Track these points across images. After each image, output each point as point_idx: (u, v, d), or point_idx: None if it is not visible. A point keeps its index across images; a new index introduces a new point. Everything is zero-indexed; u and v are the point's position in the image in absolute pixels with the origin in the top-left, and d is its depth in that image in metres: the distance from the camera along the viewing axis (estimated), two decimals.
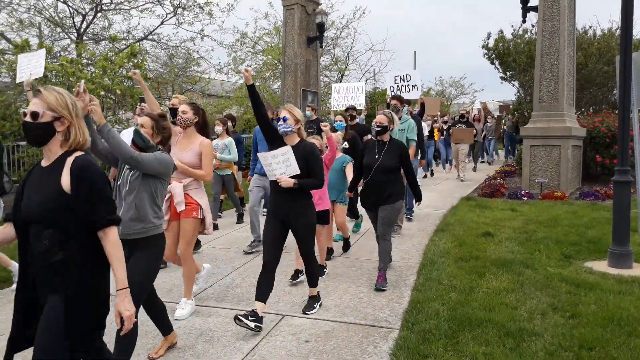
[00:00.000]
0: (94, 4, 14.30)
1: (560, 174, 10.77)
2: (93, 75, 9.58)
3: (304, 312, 4.42)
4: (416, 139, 7.13)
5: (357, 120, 12.58)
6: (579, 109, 17.16)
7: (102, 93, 9.67)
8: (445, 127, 15.46)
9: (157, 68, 17.58)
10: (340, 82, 23.82)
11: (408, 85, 9.86)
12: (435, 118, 15.94)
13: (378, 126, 5.16)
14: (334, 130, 6.84)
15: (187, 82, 19.22)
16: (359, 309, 4.53)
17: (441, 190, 12.11)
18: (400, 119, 6.81)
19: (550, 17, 10.99)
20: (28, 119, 2.30)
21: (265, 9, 30.36)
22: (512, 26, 22.48)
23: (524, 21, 12.09)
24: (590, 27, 18.96)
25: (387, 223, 5.12)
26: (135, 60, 10.24)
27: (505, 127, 20.95)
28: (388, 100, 8.93)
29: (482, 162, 18.69)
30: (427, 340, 3.78)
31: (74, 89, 2.94)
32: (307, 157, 4.20)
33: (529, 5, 11.64)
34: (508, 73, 20.19)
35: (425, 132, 12.61)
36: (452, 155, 14.57)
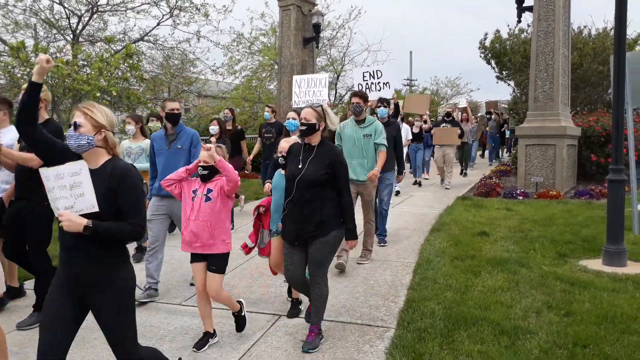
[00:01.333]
0: (90, 6, 14.29)
1: (556, 173, 10.82)
2: (89, 76, 9.57)
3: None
4: (386, 143, 5.76)
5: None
6: (574, 109, 17.21)
7: (98, 94, 9.68)
8: (425, 126, 13.53)
9: (154, 69, 17.58)
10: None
11: (379, 82, 8.89)
12: (425, 118, 13.95)
13: (303, 124, 3.79)
14: (287, 134, 5.57)
15: (183, 83, 19.22)
16: (354, 308, 4.55)
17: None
18: (363, 121, 5.78)
19: (545, 17, 11.04)
20: None
21: (261, 9, 30.39)
22: (509, 26, 22.60)
23: (519, 21, 12.16)
24: (585, 26, 19.02)
25: (319, 263, 3.80)
26: (131, 61, 10.23)
27: (488, 127, 19.20)
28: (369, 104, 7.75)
29: (472, 165, 16.87)
30: (423, 339, 3.80)
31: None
32: (117, 186, 2.57)
33: (524, 5, 11.70)
34: (504, 72, 20.23)
35: (409, 136, 11.58)
36: (436, 160, 12.56)
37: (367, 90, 8.76)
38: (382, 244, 6.71)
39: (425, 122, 13.43)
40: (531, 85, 11.41)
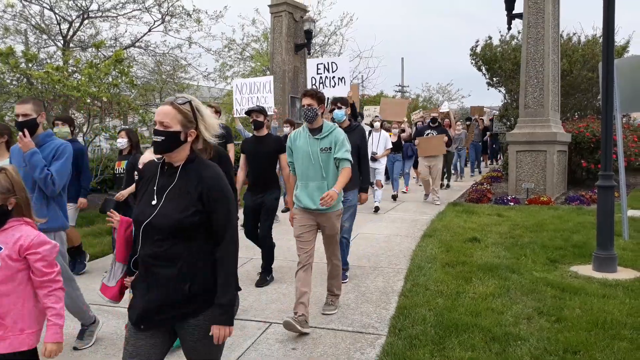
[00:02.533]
0: (81, 12, 14.23)
1: (546, 179, 10.88)
2: (79, 82, 9.51)
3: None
4: (350, 158, 4.31)
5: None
6: (564, 115, 17.33)
7: (89, 100, 9.61)
8: (404, 135, 12.14)
9: (145, 75, 17.51)
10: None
11: (333, 77, 7.63)
12: (403, 126, 12.48)
13: (157, 132, 2.31)
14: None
15: (175, 89, 19.16)
16: (346, 315, 4.54)
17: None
18: (320, 129, 4.37)
19: (535, 24, 11.14)
20: None
21: (252, 16, 30.46)
22: (500, 32, 22.74)
23: (509, 28, 12.25)
24: (574, 34, 19.16)
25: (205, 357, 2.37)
26: (121, 67, 10.18)
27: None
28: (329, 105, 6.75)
29: (462, 176, 15.85)
30: (414, 346, 3.79)
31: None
32: None
33: (514, 12, 11.79)
34: (495, 79, 20.35)
35: (388, 145, 9.99)
36: (420, 172, 11.12)
37: (321, 85, 7.77)
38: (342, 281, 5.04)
39: (403, 130, 12.09)
40: (521, 92, 11.48)
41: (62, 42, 14.30)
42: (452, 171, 14.92)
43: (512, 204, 10.34)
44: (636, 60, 7.32)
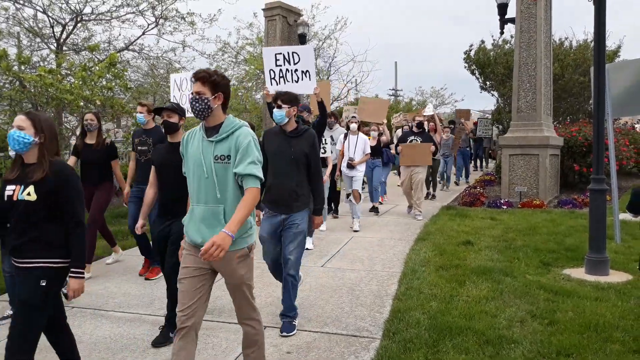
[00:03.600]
0: (74, 15, 14.20)
1: (539, 182, 10.94)
2: (72, 86, 9.49)
3: None
4: (259, 175, 2.91)
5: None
6: (556, 119, 17.46)
7: (82, 104, 9.59)
8: (384, 139, 10.88)
9: (139, 78, 17.48)
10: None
11: (296, 70, 6.42)
12: (382, 129, 10.96)
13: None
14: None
15: (168, 92, 19.12)
16: (340, 319, 4.54)
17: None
18: (217, 128, 3.00)
19: (527, 29, 11.22)
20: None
21: (247, 19, 30.48)
22: (493, 36, 22.90)
23: (501, 33, 12.31)
24: (566, 38, 19.37)
25: None
26: (115, 70, 10.17)
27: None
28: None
29: (447, 185, 14.53)
30: (408, 349, 3.80)
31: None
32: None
33: (506, 17, 11.85)
34: (488, 83, 20.49)
35: (367, 149, 8.72)
36: (402, 183, 9.87)
37: (281, 80, 6.50)
38: (285, 334, 4.20)
39: (381, 133, 10.61)
40: (514, 96, 11.56)
41: (55, 45, 14.26)
42: (439, 179, 13.71)
43: (505, 207, 10.39)
44: (627, 65, 7.39)
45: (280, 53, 6.48)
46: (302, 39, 14.92)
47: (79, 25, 14.61)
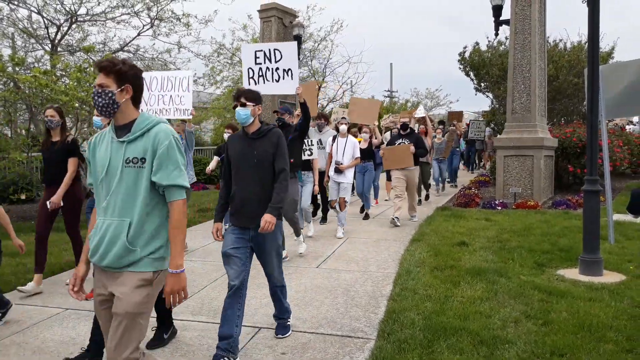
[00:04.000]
0: (69, 15, 14.17)
1: (533, 183, 10.98)
2: (67, 87, 9.47)
3: None
4: (184, 183, 2.55)
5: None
6: (550, 120, 17.54)
7: (77, 105, 9.56)
8: (376, 141, 10.31)
9: None
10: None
11: (277, 69, 6.00)
12: (373, 129, 10.28)
13: None
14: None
15: None
16: (335, 320, 4.54)
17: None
18: (129, 127, 2.58)
19: (522, 30, 11.27)
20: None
21: (243, 20, 30.42)
22: (487, 38, 22.98)
23: (496, 34, 12.38)
24: (560, 40, 19.46)
25: None
26: None
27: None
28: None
29: (441, 189, 13.81)
30: (403, 349, 3.81)
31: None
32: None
33: (501, 19, 11.91)
34: (482, 84, 20.55)
35: (357, 153, 8.24)
36: (395, 187, 9.21)
37: (261, 79, 6.08)
38: (280, 336, 4.17)
39: (372, 135, 10.06)
40: (509, 97, 11.60)
41: (50, 46, 14.22)
42: (433, 183, 13.22)
43: (499, 208, 10.42)
44: (621, 67, 7.42)
45: (261, 50, 6.04)
46: (298, 41, 14.92)
47: (74, 26, 14.59)
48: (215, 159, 8.45)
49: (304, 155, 7.15)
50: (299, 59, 7.16)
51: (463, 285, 5.33)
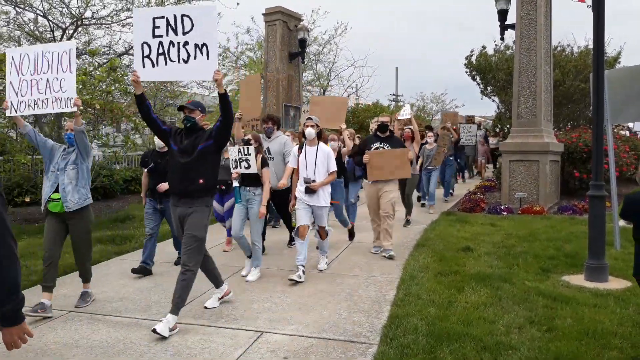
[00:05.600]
0: (75, 19, 14.23)
1: (539, 188, 10.93)
2: None
3: None
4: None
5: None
6: (556, 125, 17.46)
7: (82, 107, 9.59)
8: (345, 150, 8.01)
9: None
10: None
11: (185, 44, 4.43)
12: (344, 134, 8.06)
13: None
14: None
15: (168, 97, 19.17)
16: (338, 324, 4.52)
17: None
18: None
19: (527, 34, 11.24)
20: None
21: (246, 24, 30.59)
22: (495, 42, 22.96)
23: (502, 39, 12.35)
24: (568, 45, 19.36)
25: None
26: (115, 74, 10.18)
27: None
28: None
29: (432, 204, 11.06)
30: (406, 355, 3.78)
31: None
32: None
33: (506, 23, 11.89)
34: (489, 89, 20.48)
35: (332, 166, 6.18)
36: (368, 205, 7.32)
37: (161, 58, 4.51)
38: None
39: (342, 141, 8.05)
40: (514, 102, 11.56)
41: None
42: (420, 195, 11.75)
43: (505, 213, 10.37)
44: (626, 72, 7.40)
45: (162, 17, 4.44)
46: (302, 44, 14.95)
47: (80, 29, 14.65)
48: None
49: (240, 167, 5.83)
50: (218, 31, 5.53)
51: (467, 290, 5.29)
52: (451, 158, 12.69)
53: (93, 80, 9.71)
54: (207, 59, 4.46)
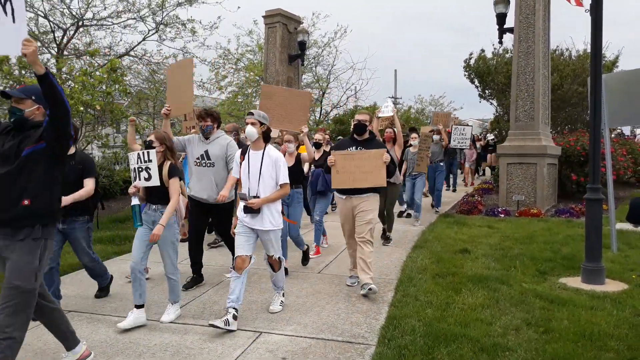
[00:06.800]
0: (76, 20, 14.28)
1: (537, 191, 10.97)
2: (72, 90, 9.53)
3: None
4: None
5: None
6: (554, 128, 17.52)
7: (82, 108, 9.63)
8: (306, 156, 6.54)
9: (139, 84, 17.54)
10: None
11: None
12: (302, 137, 6.66)
13: None
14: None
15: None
16: (336, 325, 4.55)
17: None
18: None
19: (526, 38, 11.29)
20: None
21: (248, 26, 30.61)
22: (493, 45, 23.05)
23: (500, 42, 12.39)
24: (566, 49, 19.42)
25: None
26: (115, 75, 10.21)
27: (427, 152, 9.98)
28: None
29: (418, 216, 9.68)
30: (403, 356, 3.81)
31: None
32: None
33: (505, 27, 11.94)
34: (487, 92, 20.53)
35: (283, 176, 4.78)
36: (342, 224, 5.80)
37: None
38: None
39: (298, 146, 6.77)
40: (512, 105, 11.61)
41: (56, 49, 14.32)
42: (406, 208, 10.41)
43: (502, 215, 10.41)
44: (624, 76, 7.44)
45: None
46: (302, 47, 15.00)
47: (80, 30, 14.69)
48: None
49: (139, 179, 4.62)
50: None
51: (464, 292, 5.32)
52: (441, 164, 11.27)
53: (93, 81, 9.73)
54: (13, 22, 3.13)
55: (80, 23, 14.41)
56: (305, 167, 6.17)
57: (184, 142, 5.75)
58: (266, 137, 4.83)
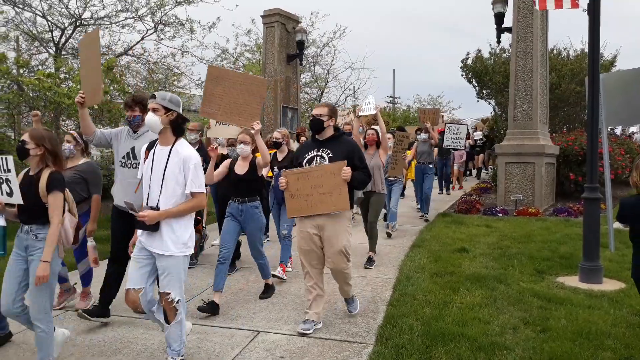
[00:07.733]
0: (74, 19, 14.26)
1: (535, 190, 10.98)
2: (70, 89, 9.52)
3: None
4: None
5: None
6: (552, 128, 17.51)
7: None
8: (262, 163, 5.23)
9: (137, 83, 17.53)
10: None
11: None
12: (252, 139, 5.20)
13: None
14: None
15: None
16: (334, 324, 4.55)
17: None
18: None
19: (524, 38, 11.30)
20: None
21: (246, 26, 30.60)
22: (490, 45, 23.06)
23: (498, 42, 12.41)
24: (564, 48, 19.42)
25: None
26: (112, 75, 10.20)
27: (410, 152, 10.16)
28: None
29: (394, 225, 8.66)
30: (401, 355, 3.81)
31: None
32: None
33: (503, 26, 11.95)
34: (485, 91, 20.53)
35: (197, 185, 3.54)
36: (299, 247, 4.52)
37: None
38: None
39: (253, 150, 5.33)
40: (510, 105, 11.62)
41: (54, 49, 14.30)
42: (387, 222, 8.58)
43: (500, 215, 10.42)
44: (622, 75, 7.44)
45: None
46: (301, 46, 14.99)
47: (78, 29, 14.67)
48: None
49: (1, 193, 3.60)
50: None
51: (462, 291, 5.33)
52: (430, 165, 10.20)
53: None
54: None
55: (78, 22, 14.39)
56: (264, 172, 5.22)
57: (110, 137, 4.57)
58: (176, 128, 3.58)
